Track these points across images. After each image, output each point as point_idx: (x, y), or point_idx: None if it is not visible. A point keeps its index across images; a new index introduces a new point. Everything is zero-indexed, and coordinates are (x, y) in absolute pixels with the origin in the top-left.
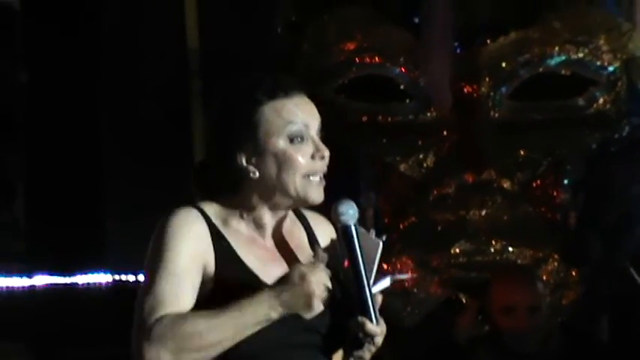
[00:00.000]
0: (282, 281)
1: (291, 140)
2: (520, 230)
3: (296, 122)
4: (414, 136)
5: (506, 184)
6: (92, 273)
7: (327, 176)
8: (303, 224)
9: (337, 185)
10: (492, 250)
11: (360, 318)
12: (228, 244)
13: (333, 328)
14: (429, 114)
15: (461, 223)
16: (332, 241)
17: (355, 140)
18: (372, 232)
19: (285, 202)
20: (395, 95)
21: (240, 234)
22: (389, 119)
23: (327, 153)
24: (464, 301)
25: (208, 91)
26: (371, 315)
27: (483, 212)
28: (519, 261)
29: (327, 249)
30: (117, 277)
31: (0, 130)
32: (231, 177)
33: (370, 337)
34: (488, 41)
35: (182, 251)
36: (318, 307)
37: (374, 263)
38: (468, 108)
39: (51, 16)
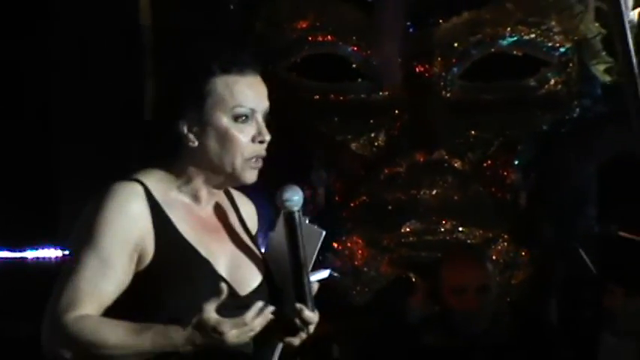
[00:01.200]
0: (193, 325)
1: (235, 119)
2: (470, 210)
3: (244, 104)
4: (365, 115)
5: (457, 164)
6: (43, 248)
7: (278, 155)
8: (231, 203)
9: (289, 162)
10: (443, 229)
11: (297, 305)
12: (168, 218)
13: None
14: (380, 93)
15: (412, 203)
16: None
17: (307, 118)
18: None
19: (218, 179)
20: (347, 74)
21: (178, 205)
22: (341, 98)
23: (267, 137)
24: (414, 280)
25: (161, 68)
26: (308, 302)
27: (434, 192)
28: (469, 241)
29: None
30: (67, 252)
31: None
32: (170, 143)
33: (306, 324)
34: (441, 21)
35: (114, 235)
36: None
37: (314, 252)
38: (420, 87)
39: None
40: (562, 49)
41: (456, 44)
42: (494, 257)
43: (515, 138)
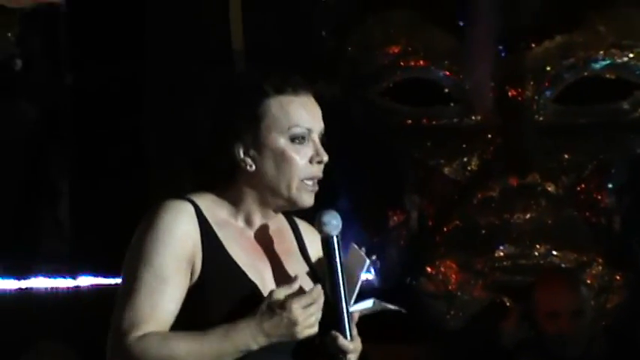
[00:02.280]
0: (261, 309)
1: (292, 140)
2: (564, 234)
3: (300, 124)
4: (458, 139)
5: (550, 188)
6: None
7: (373, 179)
8: (293, 230)
9: (382, 188)
10: (536, 253)
11: (333, 332)
12: (218, 239)
13: (307, 339)
14: (473, 117)
15: (505, 227)
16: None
17: (400, 143)
18: (363, 250)
19: (275, 202)
20: (439, 98)
21: (230, 228)
22: (433, 122)
23: (325, 158)
24: (508, 304)
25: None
26: (345, 330)
27: (527, 215)
28: (563, 265)
29: (318, 261)
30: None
31: (46, 131)
32: (226, 168)
33: (342, 352)
34: (533, 45)
35: (169, 252)
36: (305, 333)
37: (357, 279)
38: (512, 111)
39: (95, 17)
40: None
41: (548, 68)
42: (588, 281)
43: (609, 161)
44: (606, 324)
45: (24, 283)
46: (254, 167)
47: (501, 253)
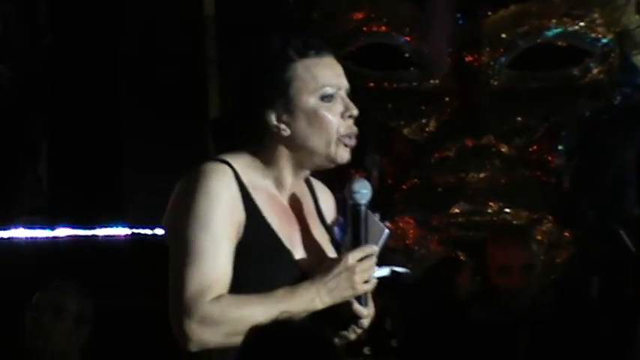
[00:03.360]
0: (327, 269)
1: (322, 99)
2: (516, 192)
3: (328, 83)
4: (417, 102)
5: (503, 149)
6: (112, 226)
7: None
8: (311, 192)
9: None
10: (490, 210)
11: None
12: (255, 204)
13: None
14: (431, 81)
15: (460, 185)
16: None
17: (362, 105)
18: (378, 217)
19: (312, 161)
20: (400, 63)
21: (263, 191)
22: (394, 86)
23: (355, 112)
24: (462, 259)
25: (223, 57)
26: (360, 296)
27: (482, 175)
28: (515, 222)
29: (332, 223)
30: (135, 230)
31: (25, 94)
32: (258, 133)
33: (357, 318)
34: (490, 13)
35: (222, 217)
36: (363, 289)
37: (377, 248)
38: (469, 76)
39: None
40: (604, 40)
41: (503, 35)
42: (538, 237)
43: (559, 124)
44: (555, 278)
45: (5, 233)
46: (288, 131)
47: (456, 210)
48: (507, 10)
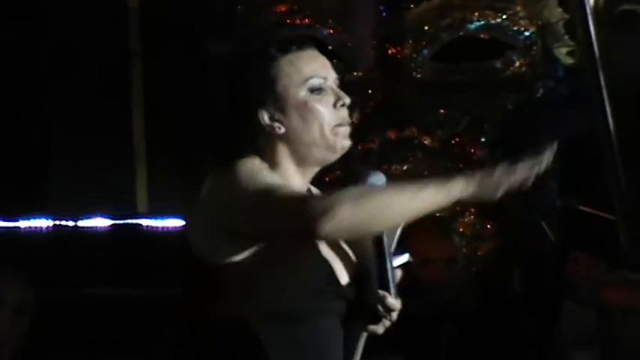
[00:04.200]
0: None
1: (311, 91)
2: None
3: (314, 74)
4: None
5: (426, 141)
6: (34, 218)
7: None
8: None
9: None
10: None
11: (381, 292)
12: None
13: (357, 299)
14: (355, 73)
15: None
16: None
17: None
18: None
19: (314, 155)
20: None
21: None
22: None
23: (347, 100)
24: None
25: (148, 51)
26: (390, 289)
27: (405, 167)
28: (437, 214)
29: None
30: (57, 222)
31: None
32: (255, 137)
33: (389, 311)
34: (412, 6)
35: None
36: (501, 193)
37: (394, 238)
38: (392, 68)
39: None
40: (527, 33)
41: (426, 27)
42: (461, 230)
43: (482, 117)
44: (477, 270)
45: None
46: (283, 129)
47: None
48: (430, 3)
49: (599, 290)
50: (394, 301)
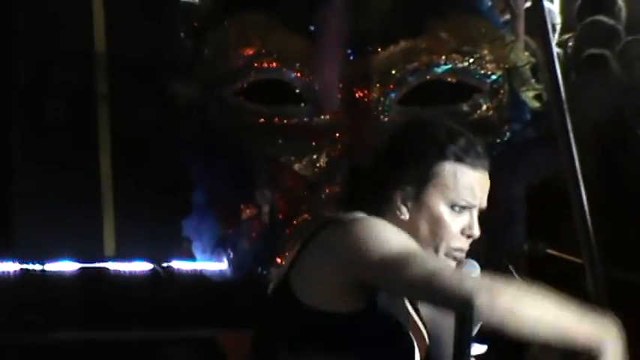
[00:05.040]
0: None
1: (452, 207)
2: None
3: (467, 199)
4: (308, 137)
5: None
6: (0, 261)
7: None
8: None
9: (236, 183)
10: None
11: None
12: None
13: None
14: (322, 117)
15: None
16: None
17: (253, 141)
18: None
19: None
20: (291, 99)
21: None
22: (285, 121)
23: (477, 233)
24: None
25: (115, 92)
26: None
27: None
28: None
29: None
30: (24, 266)
31: None
32: (379, 204)
33: None
34: (380, 49)
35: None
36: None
37: (474, 330)
38: (359, 112)
39: None
40: (493, 77)
41: (393, 71)
42: None
43: None
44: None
45: None
46: (407, 217)
47: None
48: (397, 46)
49: None
50: None
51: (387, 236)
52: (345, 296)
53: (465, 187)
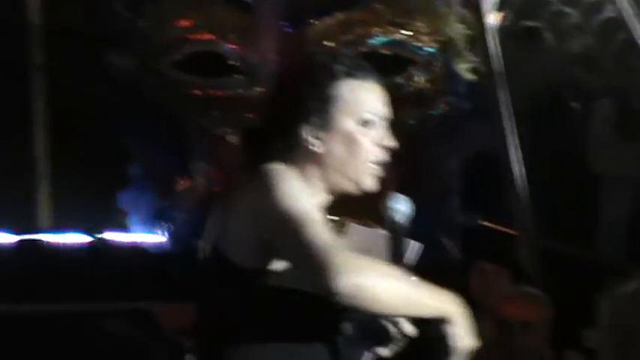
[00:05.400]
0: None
1: (361, 124)
2: (335, 200)
3: (371, 110)
4: (243, 109)
5: None
6: None
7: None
8: None
9: (172, 156)
10: None
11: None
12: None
13: (365, 322)
14: (257, 88)
15: None
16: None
17: (188, 113)
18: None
19: (339, 183)
20: (226, 70)
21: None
22: (220, 93)
23: (391, 144)
24: None
25: (51, 64)
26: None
27: None
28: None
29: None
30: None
31: None
32: (289, 147)
33: (404, 336)
34: (315, 22)
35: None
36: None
37: (412, 264)
38: None
39: None
40: (428, 49)
41: (329, 43)
42: None
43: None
44: None
45: None
46: (321, 149)
47: None
48: (333, 19)
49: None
50: (409, 327)
51: (288, 202)
52: (268, 253)
53: (366, 100)
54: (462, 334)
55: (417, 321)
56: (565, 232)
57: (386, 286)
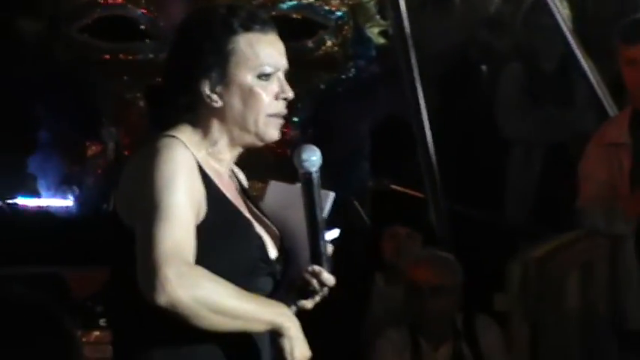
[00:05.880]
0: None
1: (259, 77)
2: (252, 164)
3: (268, 62)
4: (153, 73)
5: None
6: None
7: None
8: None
9: (82, 120)
10: None
11: (316, 267)
12: (212, 180)
13: (284, 275)
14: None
15: None
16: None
17: (98, 77)
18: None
19: (242, 137)
20: (136, 35)
21: (210, 167)
22: (130, 58)
23: (290, 95)
24: None
25: None
26: (324, 264)
27: None
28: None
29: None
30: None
31: None
32: (191, 103)
33: (324, 286)
34: None
35: (185, 185)
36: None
37: (325, 213)
38: None
39: None
40: (338, 13)
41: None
42: None
43: (295, 97)
44: None
45: None
46: (220, 103)
47: None
48: None
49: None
50: (329, 276)
51: (154, 191)
52: None
53: (264, 53)
54: (295, 346)
55: None
56: (475, 197)
57: (215, 301)
